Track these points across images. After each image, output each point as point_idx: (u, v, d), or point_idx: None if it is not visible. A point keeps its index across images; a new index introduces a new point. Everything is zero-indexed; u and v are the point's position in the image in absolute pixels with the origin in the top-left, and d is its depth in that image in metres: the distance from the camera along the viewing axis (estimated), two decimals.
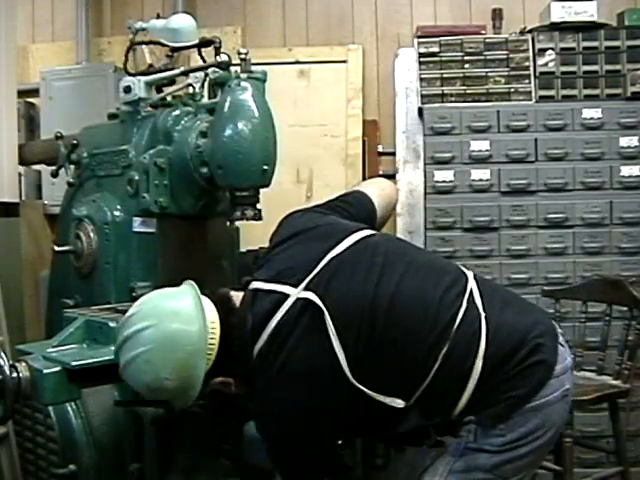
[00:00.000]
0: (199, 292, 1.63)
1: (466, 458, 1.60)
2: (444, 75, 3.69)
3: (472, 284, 1.66)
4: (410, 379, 1.58)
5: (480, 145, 3.58)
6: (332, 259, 1.64)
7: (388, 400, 1.57)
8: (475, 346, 1.57)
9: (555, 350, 1.62)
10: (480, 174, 3.57)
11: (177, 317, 1.56)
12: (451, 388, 1.59)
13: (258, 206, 2.11)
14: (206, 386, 1.61)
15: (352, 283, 1.62)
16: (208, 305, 1.61)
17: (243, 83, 2.05)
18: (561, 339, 1.67)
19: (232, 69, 2.11)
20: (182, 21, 2.51)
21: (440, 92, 3.69)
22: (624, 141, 3.56)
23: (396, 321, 1.58)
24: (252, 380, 1.62)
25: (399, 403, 1.57)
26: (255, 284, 1.67)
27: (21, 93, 3.73)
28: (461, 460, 1.60)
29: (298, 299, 1.60)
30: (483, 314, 1.60)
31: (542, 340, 1.61)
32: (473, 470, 1.60)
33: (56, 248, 2.40)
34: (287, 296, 1.61)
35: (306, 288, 1.60)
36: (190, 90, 2.35)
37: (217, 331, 1.59)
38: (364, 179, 4.08)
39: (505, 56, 3.68)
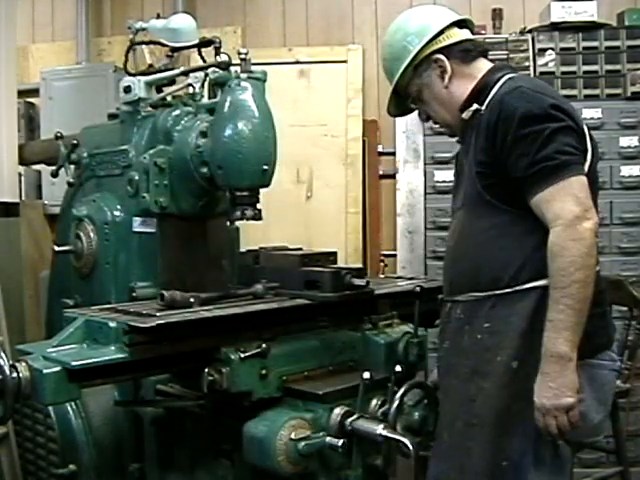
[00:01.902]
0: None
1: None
2: None
3: None
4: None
5: None
6: None
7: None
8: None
9: (614, 334, 1.94)
10: None
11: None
12: None
13: (258, 206, 2.11)
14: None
15: None
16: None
17: (243, 83, 2.04)
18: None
19: (232, 69, 2.10)
20: (182, 21, 2.52)
21: None
22: (624, 141, 3.57)
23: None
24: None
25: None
26: None
27: (21, 93, 3.74)
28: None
29: None
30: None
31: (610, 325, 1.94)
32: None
33: (56, 248, 2.40)
34: None
35: None
36: (190, 90, 2.34)
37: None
38: (364, 179, 4.08)
39: (505, 56, 3.67)
